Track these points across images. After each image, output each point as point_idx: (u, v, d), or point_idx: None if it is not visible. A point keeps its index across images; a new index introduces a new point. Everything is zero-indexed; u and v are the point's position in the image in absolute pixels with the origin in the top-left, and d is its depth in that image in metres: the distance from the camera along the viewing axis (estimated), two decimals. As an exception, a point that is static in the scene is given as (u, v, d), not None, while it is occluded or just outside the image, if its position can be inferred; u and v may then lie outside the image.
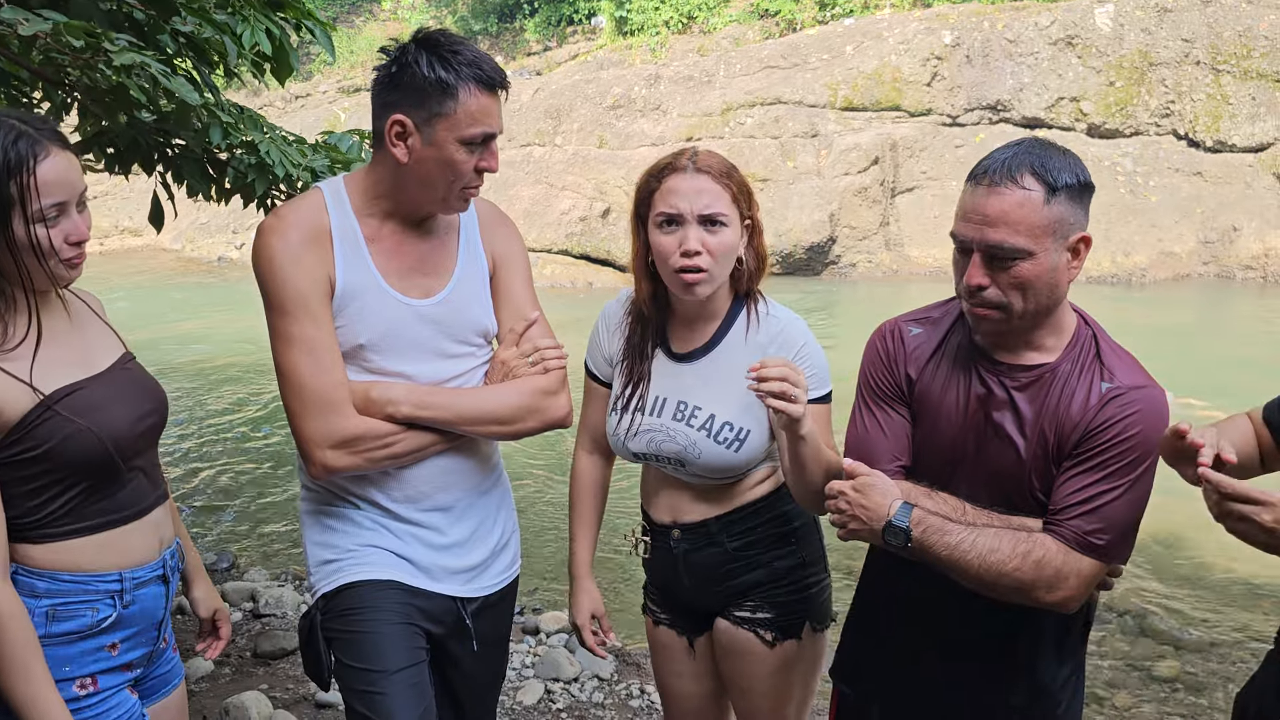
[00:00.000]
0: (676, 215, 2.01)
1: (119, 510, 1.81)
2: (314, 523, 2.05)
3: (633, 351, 2.19)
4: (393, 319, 1.95)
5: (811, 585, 2.21)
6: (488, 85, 1.87)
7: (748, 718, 2.29)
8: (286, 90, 21.51)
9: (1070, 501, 1.66)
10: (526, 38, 21.63)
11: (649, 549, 2.29)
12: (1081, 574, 1.65)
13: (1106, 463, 1.64)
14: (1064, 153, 1.68)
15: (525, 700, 3.79)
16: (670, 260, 2.03)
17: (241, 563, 5.53)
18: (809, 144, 14.93)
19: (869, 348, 1.94)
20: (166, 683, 1.99)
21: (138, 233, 20.75)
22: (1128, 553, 1.70)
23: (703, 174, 2.03)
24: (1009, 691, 1.82)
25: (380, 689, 1.91)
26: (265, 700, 3.56)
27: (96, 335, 1.89)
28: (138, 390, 1.88)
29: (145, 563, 1.85)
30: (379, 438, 1.91)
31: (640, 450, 2.18)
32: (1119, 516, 1.64)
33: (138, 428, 1.83)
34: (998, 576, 1.65)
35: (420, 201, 1.96)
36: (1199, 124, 13.56)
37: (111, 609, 1.80)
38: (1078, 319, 1.76)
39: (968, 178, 1.69)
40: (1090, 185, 1.68)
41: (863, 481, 1.73)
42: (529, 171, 16.04)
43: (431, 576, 2.04)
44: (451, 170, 1.89)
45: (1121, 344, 1.78)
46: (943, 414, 1.81)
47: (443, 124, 1.86)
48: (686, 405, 2.12)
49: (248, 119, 3.33)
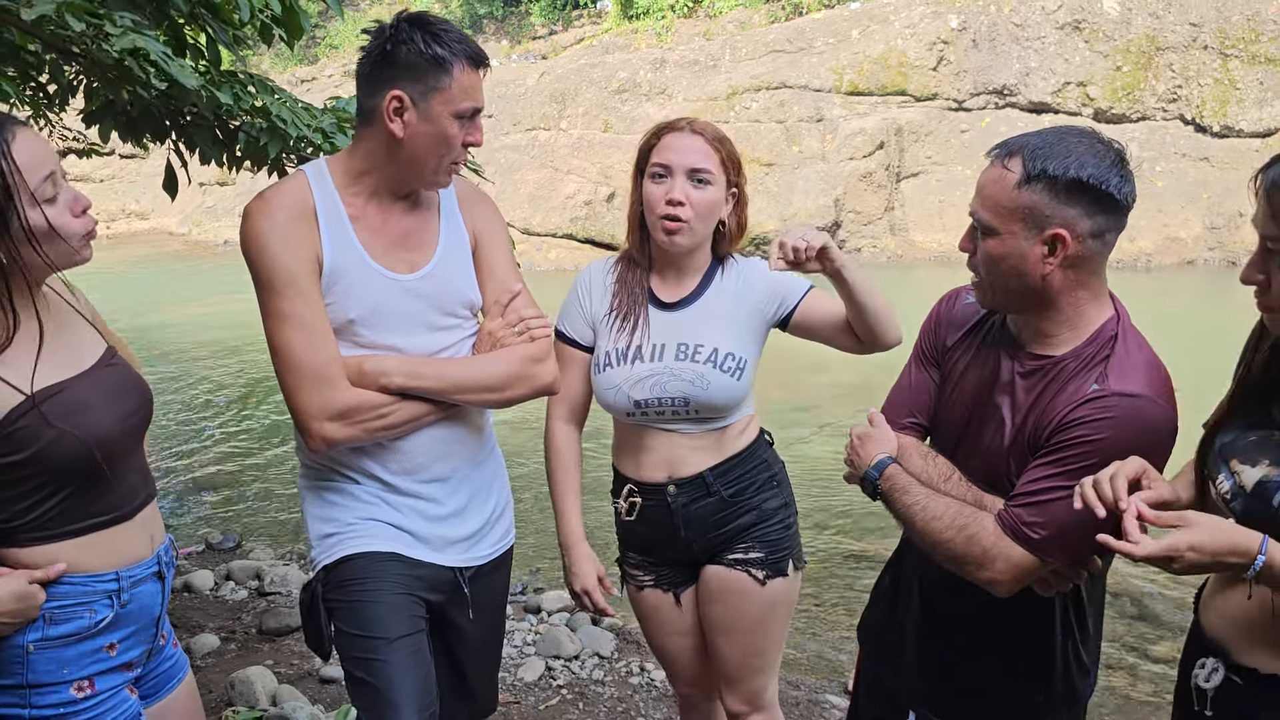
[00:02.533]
0: (667, 167, 2.20)
1: (111, 510, 1.79)
2: (314, 497, 2.09)
3: (624, 303, 2.30)
4: (380, 294, 1.99)
5: (792, 524, 2.39)
6: (476, 62, 1.96)
7: (731, 658, 2.37)
8: (292, 75, 21.54)
9: (1021, 490, 1.66)
10: (532, 21, 21.60)
11: (638, 510, 2.35)
12: (1011, 560, 1.64)
13: (1065, 460, 1.61)
14: (1091, 149, 1.60)
15: (526, 677, 3.83)
16: (656, 208, 2.20)
17: (246, 542, 5.59)
18: (814, 128, 14.90)
19: (932, 308, 1.99)
20: (171, 678, 1.99)
21: (144, 216, 20.83)
22: (1070, 555, 1.65)
23: (697, 135, 2.23)
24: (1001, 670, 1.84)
25: (381, 656, 1.95)
26: (270, 675, 3.61)
27: (78, 331, 1.85)
28: (122, 388, 1.85)
29: (140, 560, 1.84)
30: (374, 409, 1.95)
31: (643, 397, 2.25)
32: (1062, 516, 1.58)
33: (124, 427, 1.81)
34: (935, 543, 1.71)
35: (409, 176, 2.01)
36: (1206, 109, 13.50)
37: (109, 609, 1.78)
38: (1108, 319, 1.70)
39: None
40: (1092, 186, 1.58)
41: (867, 431, 1.86)
42: (534, 156, 16.04)
43: (430, 547, 2.08)
44: (445, 144, 1.95)
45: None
46: (962, 384, 1.84)
47: (438, 98, 1.92)
48: (687, 345, 2.25)
49: (257, 83, 3.34)
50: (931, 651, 1.91)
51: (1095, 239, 1.63)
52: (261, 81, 3.38)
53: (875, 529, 5.43)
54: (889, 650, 2.01)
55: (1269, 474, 1.47)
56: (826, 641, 4.43)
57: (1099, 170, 1.58)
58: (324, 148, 3.32)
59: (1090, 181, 1.58)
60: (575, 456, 2.41)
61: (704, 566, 2.37)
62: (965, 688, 1.88)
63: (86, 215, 1.73)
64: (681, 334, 2.26)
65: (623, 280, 2.32)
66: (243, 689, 3.49)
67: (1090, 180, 1.58)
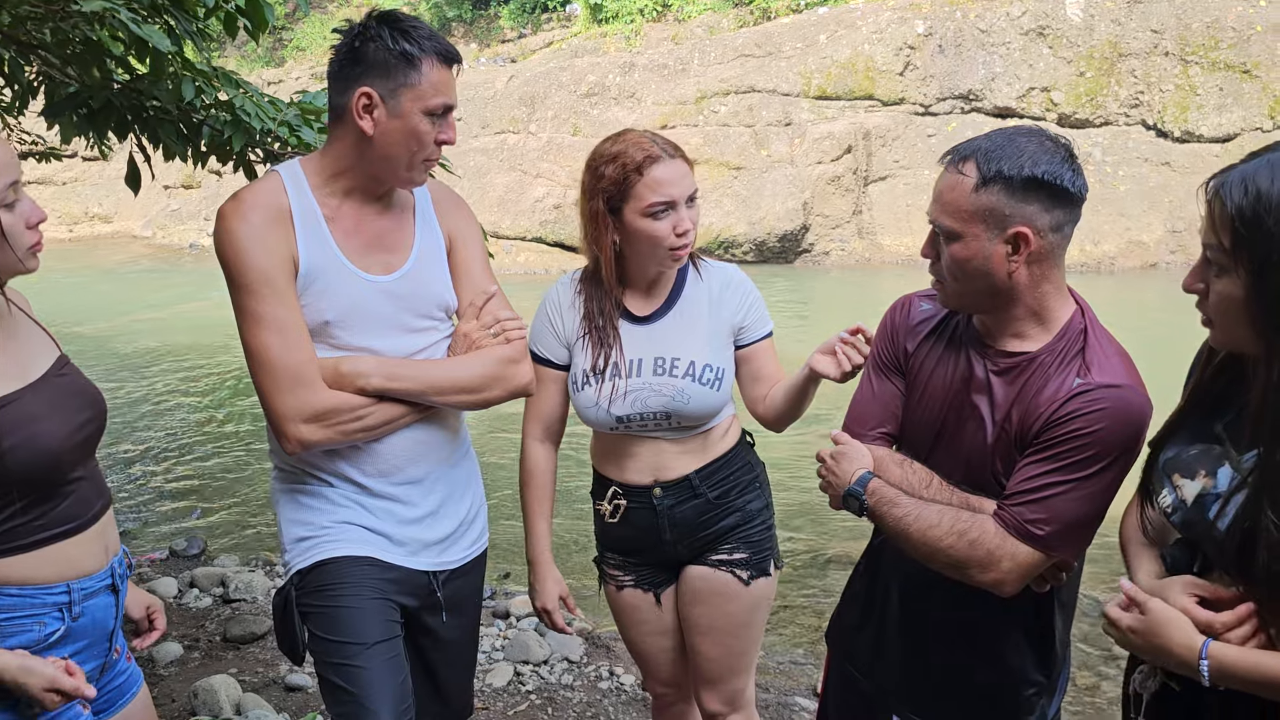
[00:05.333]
0: (672, 202, 2.17)
1: (63, 522, 1.76)
2: (288, 501, 2.08)
3: (597, 322, 2.28)
4: (356, 295, 1.98)
5: (772, 525, 2.43)
6: (447, 59, 1.95)
7: (712, 659, 2.38)
8: (259, 76, 21.35)
9: (1019, 489, 1.67)
10: (501, 25, 21.53)
11: (622, 512, 2.36)
12: (1016, 559, 1.66)
13: (1060, 455, 1.64)
14: (1041, 146, 1.65)
15: (495, 682, 3.81)
16: (666, 242, 2.18)
17: (211, 548, 5.53)
18: (783, 132, 14.97)
19: (883, 318, 2.00)
20: (124, 693, 1.96)
21: (107, 219, 20.55)
22: (1074, 548, 1.69)
23: (677, 159, 2.20)
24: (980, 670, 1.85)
25: (358, 662, 1.94)
26: (234, 684, 3.57)
27: (29, 340, 1.82)
28: (75, 398, 1.81)
29: (93, 572, 1.81)
30: (351, 410, 1.94)
31: (624, 413, 2.25)
32: (1064, 510, 1.63)
33: (76, 438, 1.78)
34: (934, 551, 1.71)
35: (383, 174, 1.99)
36: (1167, 114, 13.70)
37: (59, 622, 1.75)
38: (1074, 313, 1.74)
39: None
40: (1047, 182, 1.62)
41: (839, 450, 1.85)
42: (503, 159, 15.99)
43: (405, 550, 2.07)
44: (416, 140, 1.94)
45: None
46: (930, 389, 1.85)
47: (408, 95, 1.90)
48: (664, 359, 2.25)
49: (222, 76, 3.30)
50: (914, 652, 1.92)
51: (1055, 232, 1.67)
52: (226, 75, 3.34)
53: (841, 530, 5.45)
54: (865, 652, 2.02)
55: (1206, 486, 1.48)
56: (796, 643, 4.43)
57: (1052, 166, 1.63)
58: (290, 141, 3.28)
59: (1045, 178, 1.62)
60: (550, 476, 2.42)
61: (686, 567, 2.38)
62: (949, 687, 1.89)
63: (37, 230, 1.71)
64: (657, 348, 2.26)
65: (592, 296, 2.30)
66: (206, 698, 3.45)
67: (1045, 176, 1.62)
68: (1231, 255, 1.38)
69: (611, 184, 2.19)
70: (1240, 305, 1.40)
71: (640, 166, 2.16)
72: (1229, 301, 1.41)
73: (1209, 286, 1.44)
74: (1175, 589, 1.49)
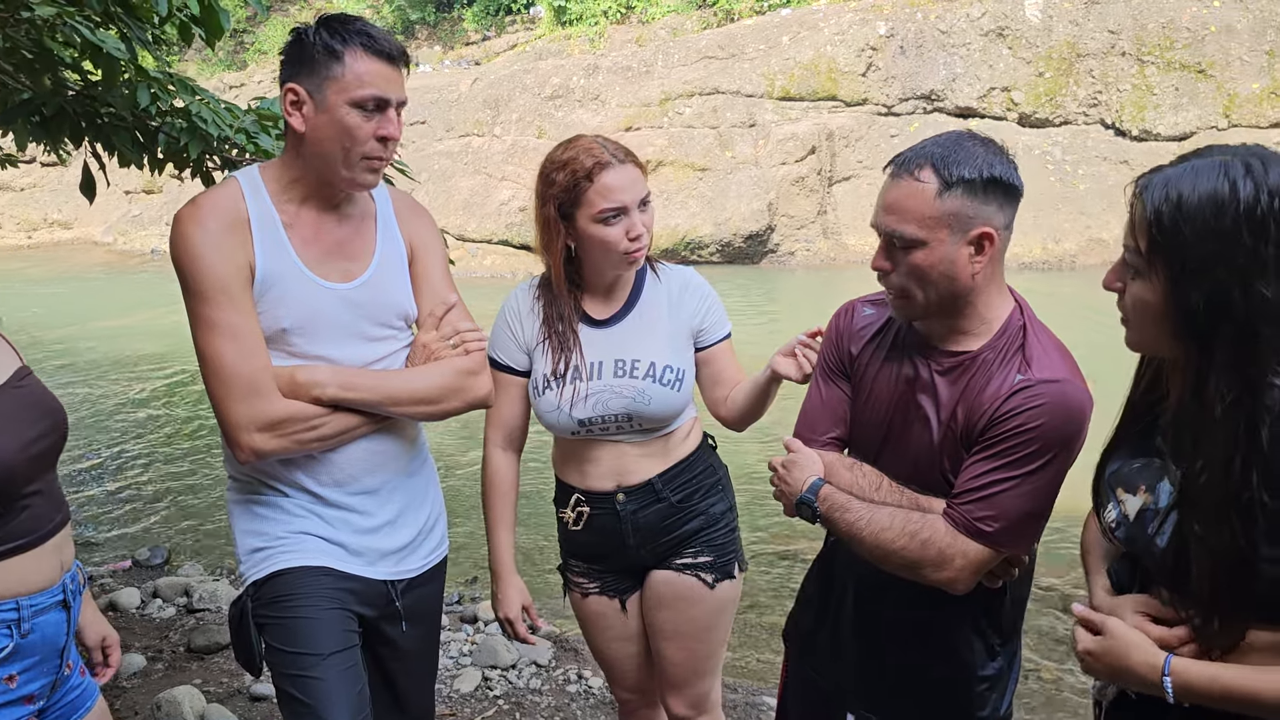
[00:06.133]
0: (623, 207, 2.17)
1: (15, 538, 1.74)
2: (243, 511, 2.06)
3: (556, 327, 2.28)
4: (314, 303, 1.97)
5: (736, 527, 2.43)
6: (376, 51, 1.91)
7: (678, 663, 2.39)
8: (220, 80, 21.15)
9: (966, 487, 1.69)
10: (465, 27, 21.47)
11: (585, 519, 2.35)
12: (968, 557, 1.68)
13: (1005, 452, 1.66)
14: (985, 147, 1.69)
15: (462, 688, 3.80)
16: (619, 247, 2.19)
17: (175, 558, 5.47)
18: (747, 134, 15.02)
19: (828, 324, 2.02)
20: (78, 708, 1.93)
21: (67, 225, 20.27)
22: (1024, 543, 1.72)
23: (628, 164, 2.21)
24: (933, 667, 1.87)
25: (314, 673, 1.92)
26: (199, 695, 3.54)
27: None
28: (32, 410, 1.79)
29: (44, 588, 1.79)
30: (306, 420, 1.92)
31: (586, 415, 2.25)
32: (1012, 506, 1.66)
33: (30, 451, 1.75)
34: (888, 554, 1.73)
35: (325, 175, 1.97)
36: (1125, 114, 13.88)
37: (8, 639, 1.73)
38: (1013, 310, 1.77)
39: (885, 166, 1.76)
40: (1003, 181, 1.67)
41: (789, 458, 1.87)
42: (468, 162, 15.94)
43: (363, 560, 2.06)
44: (347, 135, 1.91)
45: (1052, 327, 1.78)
46: (876, 391, 1.87)
47: (332, 87, 1.89)
48: (625, 361, 2.26)
49: (177, 82, 3.26)
50: (867, 652, 1.94)
51: (1007, 230, 1.72)
52: (182, 81, 3.30)
53: (808, 530, 5.47)
54: (821, 653, 2.03)
55: (1147, 501, 1.49)
56: (763, 644, 4.46)
57: (1003, 166, 1.68)
58: (247, 148, 3.25)
59: (1001, 178, 1.67)
60: (512, 484, 2.40)
61: (651, 572, 2.38)
62: (904, 685, 1.91)
63: None
64: (617, 350, 2.27)
65: (551, 301, 2.30)
66: (170, 710, 3.42)
67: (1000, 176, 1.67)
68: (1147, 260, 1.38)
69: (563, 190, 2.19)
70: (1154, 310, 1.40)
71: (590, 173, 2.17)
72: (1143, 305, 1.42)
73: (1125, 286, 1.45)
74: (1126, 609, 1.50)
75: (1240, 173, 1.32)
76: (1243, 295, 1.31)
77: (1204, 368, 1.35)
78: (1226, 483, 1.33)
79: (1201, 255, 1.32)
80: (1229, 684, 1.36)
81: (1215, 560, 1.35)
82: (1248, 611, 1.36)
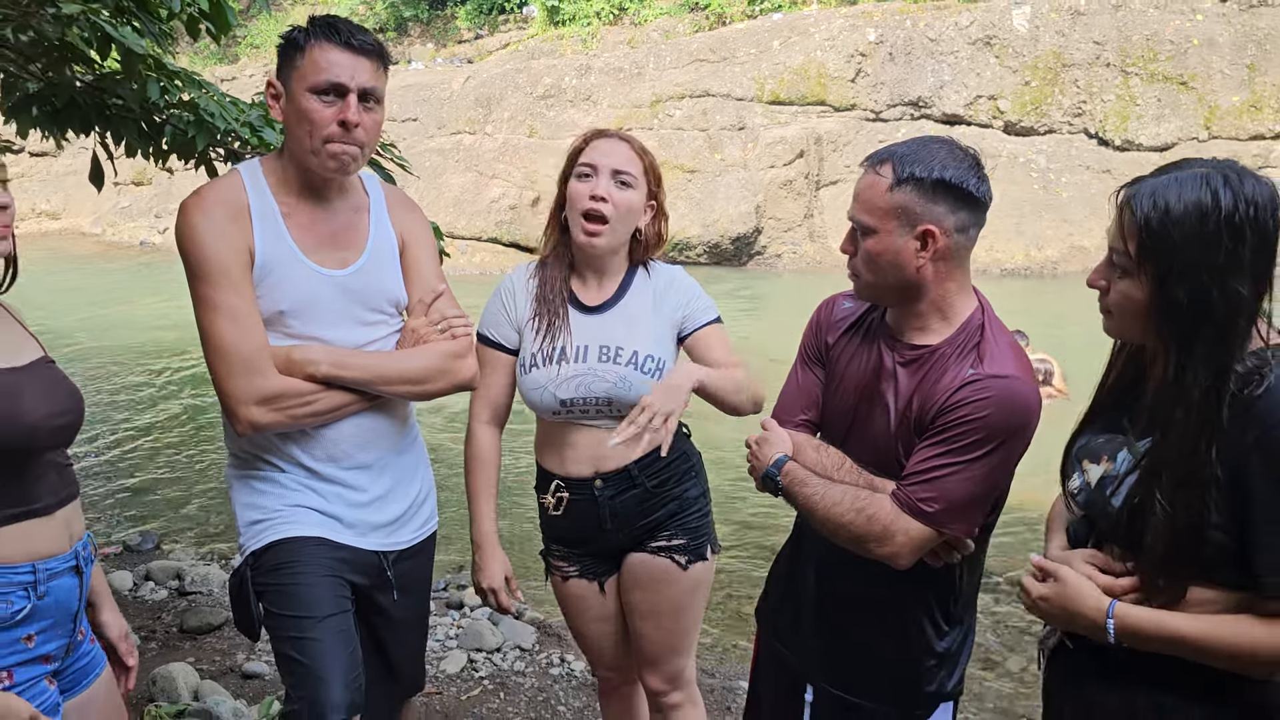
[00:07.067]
0: (593, 166, 2.34)
1: (29, 503, 1.84)
2: (242, 486, 2.18)
3: (547, 307, 2.40)
4: (310, 288, 2.10)
5: (709, 511, 2.54)
6: (336, 40, 2.04)
7: (653, 641, 2.50)
8: (212, 73, 21.16)
9: (913, 470, 1.82)
10: (458, 25, 21.53)
11: (564, 505, 2.45)
12: (909, 534, 1.80)
13: (951, 439, 1.78)
14: (951, 153, 1.81)
15: (448, 669, 3.92)
16: (580, 203, 2.33)
17: (166, 543, 5.57)
18: (736, 136, 15.17)
19: (811, 314, 2.16)
20: (87, 674, 2.02)
21: (56, 216, 20.25)
22: (962, 525, 1.83)
23: (624, 141, 2.40)
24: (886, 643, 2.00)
25: (311, 634, 2.04)
26: (192, 671, 3.64)
27: (13, 334, 1.94)
28: (56, 389, 1.91)
29: (57, 554, 1.89)
30: (300, 395, 2.05)
31: (568, 396, 2.36)
32: (952, 490, 1.77)
33: (53, 422, 1.87)
34: (837, 527, 1.86)
35: (300, 160, 2.10)
36: (1109, 123, 14.08)
37: (26, 600, 1.82)
38: (975, 309, 1.89)
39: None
40: (954, 186, 1.78)
41: (762, 436, 2.01)
42: (459, 160, 16.03)
43: (355, 532, 2.18)
44: (307, 119, 2.04)
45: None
46: (846, 379, 2.00)
47: (295, 76, 2.05)
48: (609, 348, 2.37)
49: (185, 77, 3.37)
50: (826, 628, 2.06)
51: (960, 233, 1.82)
52: (189, 76, 3.42)
53: (787, 523, 5.59)
54: (786, 629, 2.16)
55: (1107, 469, 1.64)
56: (740, 631, 4.57)
57: (959, 172, 1.79)
58: (251, 141, 3.36)
59: (952, 181, 1.78)
60: (494, 458, 2.50)
61: (627, 555, 2.48)
62: (858, 659, 2.03)
63: (4, 213, 1.85)
64: (603, 337, 2.38)
65: (544, 284, 2.43)
66: (164, 685, 3.52)
67: (952, 180, 1.78)
68: (1136, 261, 1.53)
69: (570, 155, 2.41)
70: (1139, 306, 1.55)
71: (590, 137, 2.41)
72: (1129, 301, 1.57)
73: (1111, 285, 1.60)
74: (1077, 559, 1.66)
75: (1220, 184, 1.48)
76: (1221, 293, 1.47)
77: (1183, 357, 1.51)
78: (1194, 458, 1.49)
79: (1187, 257, 1.48)
80: (1172, 628, 1.52)
81: (1171, 524, 1.50)
82: (1192, 571, 1.52)
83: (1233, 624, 1.49)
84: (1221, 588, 1.51)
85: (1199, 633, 1.50)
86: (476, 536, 2.48)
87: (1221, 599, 1.51)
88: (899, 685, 2.00)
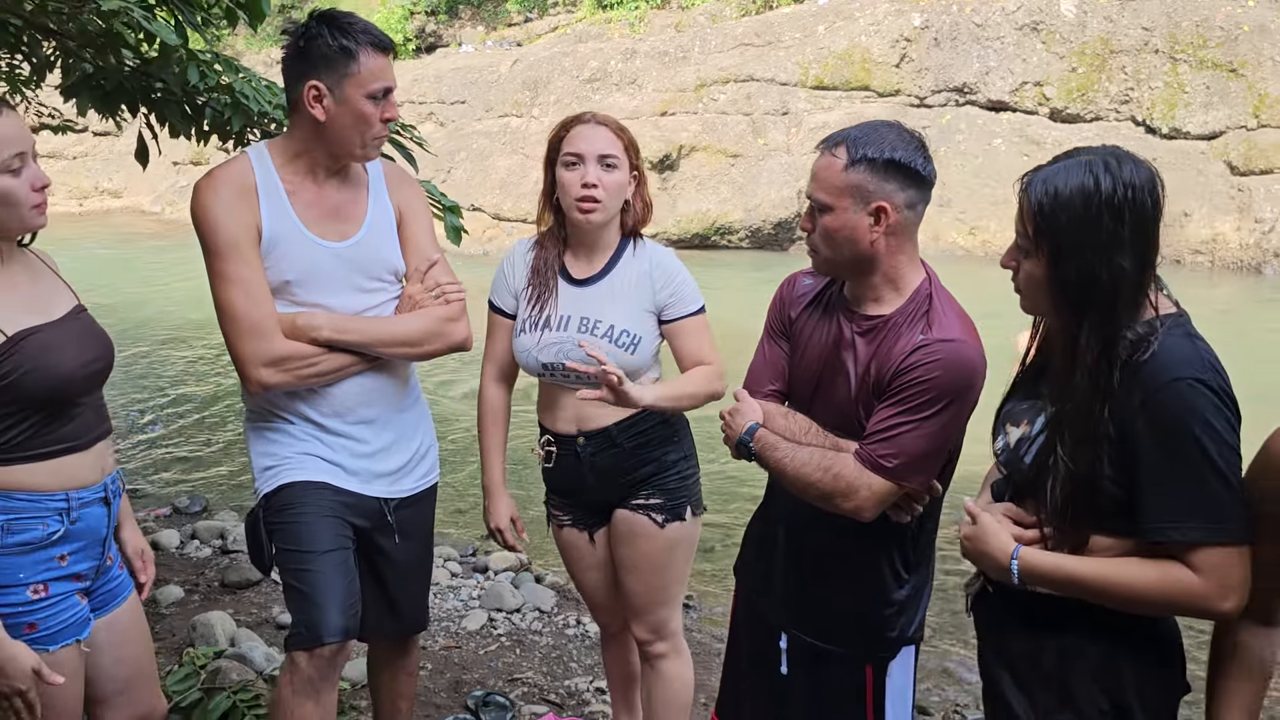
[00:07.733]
0: (580, 155, 2.48)
1: (66, 440, 2.07)
2: (256, 437, 2.43)
3: (538, 279, 2.60)
4: (313, 259, 2.32)
5: (690, 475, 2.68)
6: (381, 47, 2.27)
7: (636, 593, 2.69)
8: (267, 55, 21.56)
9: (873, 429, 2.00)
10: (508, 8, 21.76)
11: (555, 459, 2.67)
12: (872, 489, 1.97)
13: (905, 399, 1.95)
14: (899, 135, 1.98)
15: (469, 626, 4.15)
16: (572, 191, 2.48)
17: (212, 505, 5.87)
18: (780, 121, 15.23)
19: (775, 292, 2.34)
20: (116, 595, 2.26)
21: (117, 194, 20.85)
22: (919, 478, 2.00)
23: (601, 126, 2.52)
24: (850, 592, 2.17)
25: (311, 566, 2.28)
26: (230, 620, 3.90)
27: (51, 288, 2.17)
28: (88, 338, 2.14)
29: (88, 485, 2.12)
30: (304, 358, 2.28)
31: (548, 361, 2.57)
32: (909, 445, 1.93)
33: (86, 370, 2.10)
34: (806, 485, 2.04)
35: (339, 153, 2.33)
36: (1156, 111, 13.91)
37: (60, 524, 2.06)
38: (923, 280, 2.06)
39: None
40: (904, 165, 1.95)
41: (735, 406, 2.18)
42: (506, 142, 16.26)
43: (358, 479, 2.41)
44: (364, 122, 2.28)
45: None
46: (809, 350, 2.17)
47: (350, 83, 2.24)
48: (589, 319, 2.55)
49: (223, 62, 3.61)
50: (796, 581, 2.24)
51: (909, 209, 1.99)
52: (227, 61, 3.65)
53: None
54: (761, 583, 2.34)
55: (1025, 431, 1.81)
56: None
57: (908, 153, 1.96)
58: (285, 123, 3.58)
59: (902, 161, 1.95)
60: (503, 410, 2.73)
61: (615, 510, 2.67)
62: (824, 608, 2.20)
63: (41, 193, 2.04)
64: (585, 309, 2.56)
65: (540, 257, 2.63)
66: (204, 630, 3.78)
67: (902, 160, 1.95)
68: (1034, 242, 1.70)
69: (551, 142, 2.57)
70: (1040, 282, 1.71)
71: (567, 125, 2.55)
72: (1032, 280, 1.73)
73: (1020, 265, 1.76)
74: (996, 510, 1.83)
75: (1102, 169, 1.64)
76: (1106, 268, 1.63)
77: (1077, 328, 1.67)
78: (1089, 417, 1.65)
79: (1074, 237, 1.64)
80: (1069, 569, 1.69)
81: (1071, 477, 1.67)
82: (1091, 519, 1.69)
83: (1122, 566, 1.65)
84: (1117, 535, 1.67)
85: (1092, 574, 1.67)
86: (486, 484, 2.73)
87: (1118, 546, 1.67)
88: (865, 631, 2.17)
